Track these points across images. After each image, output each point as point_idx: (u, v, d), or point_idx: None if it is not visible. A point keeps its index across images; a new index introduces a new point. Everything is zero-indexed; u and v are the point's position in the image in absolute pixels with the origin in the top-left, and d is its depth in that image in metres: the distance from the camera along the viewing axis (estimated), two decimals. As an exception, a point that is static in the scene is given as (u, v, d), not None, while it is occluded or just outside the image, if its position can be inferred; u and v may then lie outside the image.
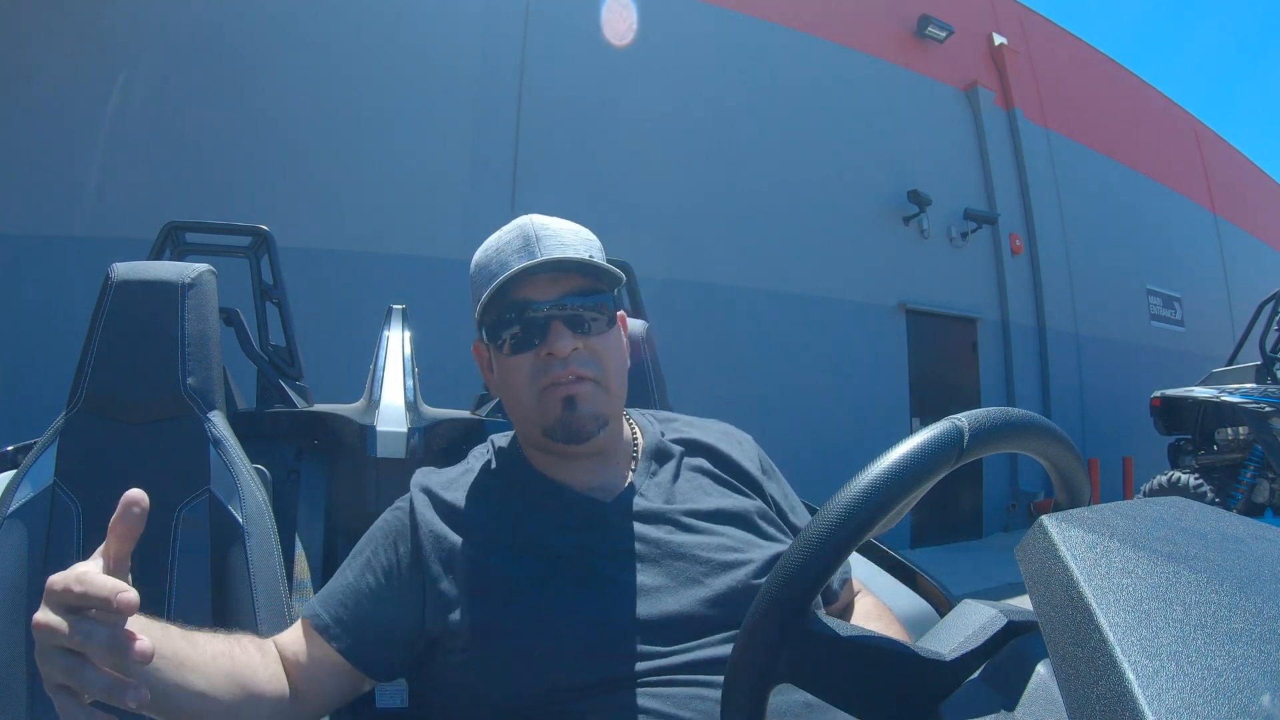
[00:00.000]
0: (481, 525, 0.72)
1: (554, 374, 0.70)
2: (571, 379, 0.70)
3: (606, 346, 0.73)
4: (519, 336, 0.71)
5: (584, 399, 0.71)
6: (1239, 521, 0.43)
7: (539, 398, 0.71)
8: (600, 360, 0.72)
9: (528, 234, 0.72)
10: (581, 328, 0.71)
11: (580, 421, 0.71)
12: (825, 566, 0.44)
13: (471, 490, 0.75)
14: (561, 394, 0.70)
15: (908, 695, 0.47)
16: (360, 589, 0.72)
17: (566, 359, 0.70)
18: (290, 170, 4.56)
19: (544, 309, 0.70)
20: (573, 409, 0.70)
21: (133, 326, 1.01)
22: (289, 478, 1.41)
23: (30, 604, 0.90)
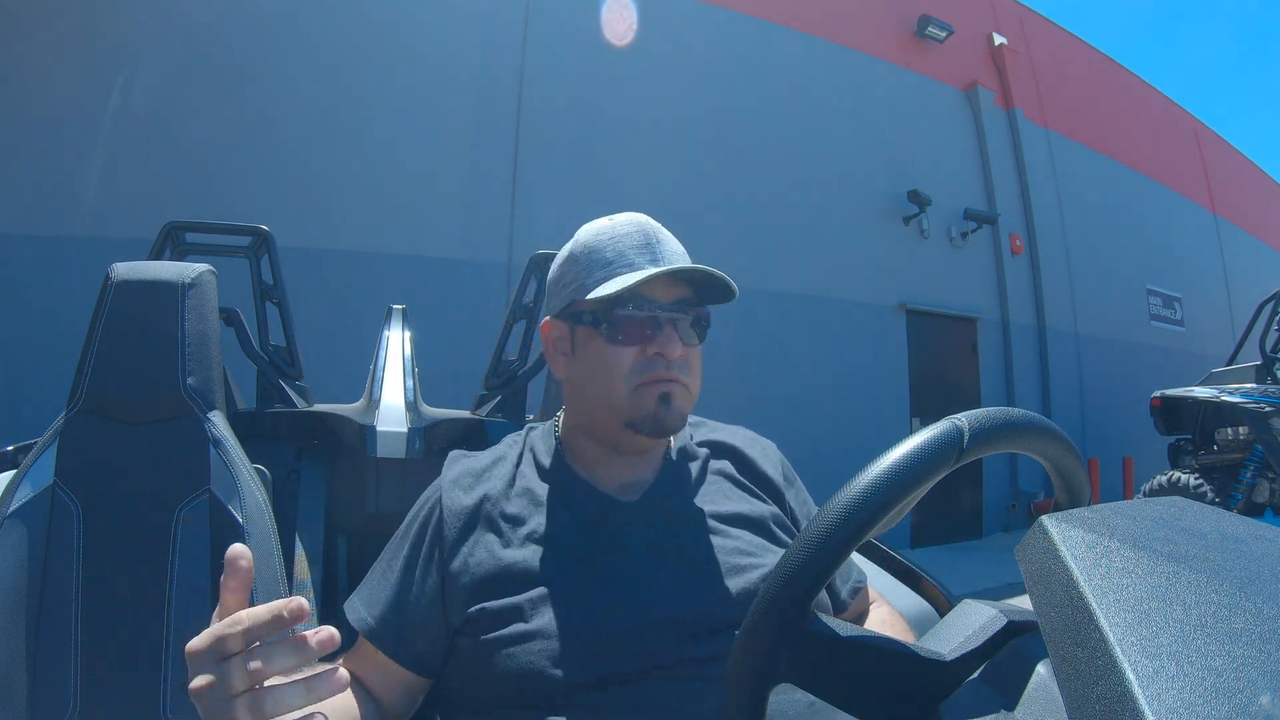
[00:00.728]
0: (505, 516, 0.73)
1: (657, 373, 0.73)
2: (668, 378, 0.73)
3: (696, 357, 0.76)
4: (631, 330, 0.73)
5: (677, 398, 0.74)
6: (1239, 521, 0.43)
7: (634, 391, 0.73)
8: (692, 370, 0.75)
9: (647, 233, 0.76)
10: (687, 336, 0.74)
11: (671, 418, 0.73)
12: (825, 566, 0.44)
13: (500, 480, 0.77)
14: (659, 390, 0.73)
15: (908, 695, 0.47)
16: (398, 588, 0.74)
17: (672, 363, 0.73)
18: (290, 170, 4.56)
19: (663, 311, 0.73)
20: (668, 405, 0.73)
21: (133, 326, 1.01)
22: (289, 478, 1.41)
23: (30, 604, 0.90)
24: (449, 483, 0.77)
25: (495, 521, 0.73)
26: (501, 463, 0.80)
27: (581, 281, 0.75)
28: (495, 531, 0.72)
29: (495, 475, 0.78)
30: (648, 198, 5.27)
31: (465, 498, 0.75)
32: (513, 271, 4.84)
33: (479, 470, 0.78)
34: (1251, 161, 11.85)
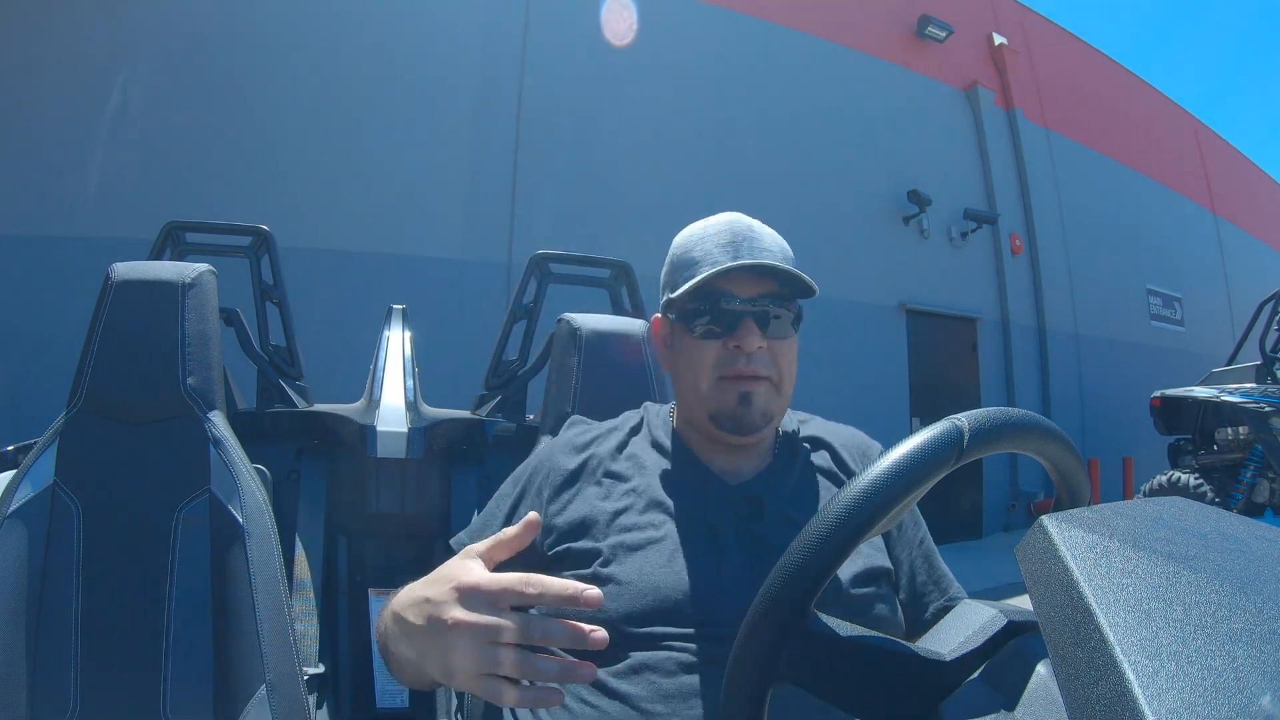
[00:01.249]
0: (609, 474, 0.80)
1: (737, 367, 0.76)
2: (750, 375, 0.76)
3: (786, 350, 0.78)
4: (711, 325, 0.76)
5: (759, 397, 0.77)
6: (1239, 521, 0.43)
7: (716, 385, 0.77)
8: (778, 362, 0.78)
9: (736, 231, 0.79)
10: (768, 328, 0.77)
11: (751, 417, 0.77)
12: (825, 566, 0.44)
13: (610, 444, 0.83)
14: (740, 389, 0.76)
15: (908, 695, 0.47)
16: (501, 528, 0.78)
17: (751, 355, 0.75)
18: (290, 170, 4.56)
19: (739, 304, 0.76)
20: (748, 405, 0.76)
21: (133, 326, 1.01)
22: (289, 478, 1.41)
23: (30, 604, 0.90)
24: (563, 441, 0.85)
25: (598, 477, 0.80)
26: (615, 431, 0.86)
27: (673, 280, 0.80)
28: (597, 485, 0.79)
29: (607, 439, 0.84)
30: (647, 198, 5.28)
31: (575, 454, 0.82)
32: (513, 271, 4.83)
33: (593, 434, 0.86)
34: (1251, 161, 11.85)
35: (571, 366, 1.17)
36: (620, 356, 1.19)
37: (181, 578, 0.93)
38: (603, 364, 1.17)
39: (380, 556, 1.50)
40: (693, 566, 0.72)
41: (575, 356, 1.17)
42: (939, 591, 0.81)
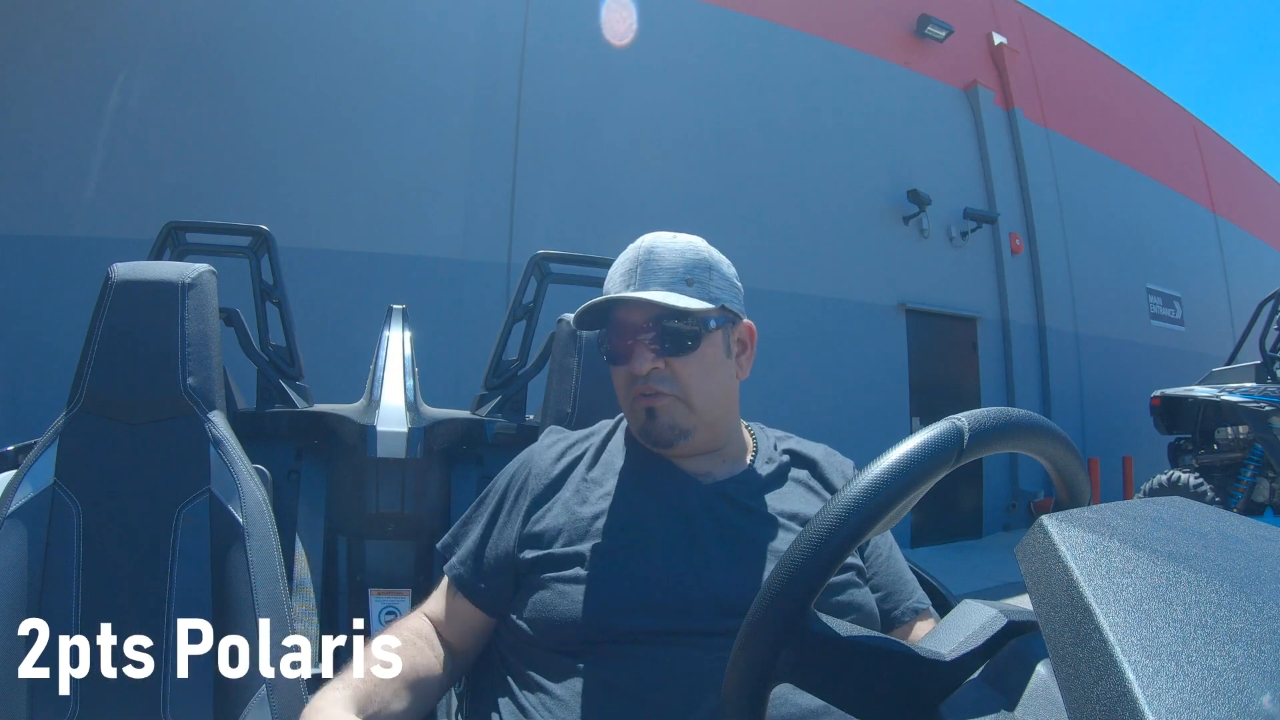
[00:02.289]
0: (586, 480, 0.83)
1: (636, 388, 0.81)
2: (650, 393, 0.80)
3: (688, 366, 0.81)
4: (613, 353, 0.83)
5: (663, 411, 0.81)
6: (1239, 521, 0.43)
7: (630, 406, 0.83)
8: (681, 379, 0.81)
9: (637, 259, 0.82)
10: (664, 350, 0.80)
11: (659, 430, 0.81)
12: (825, 566, 0.44)
13: (589, 450, 0.87)
14: (643, 405, 0.81)
15: (908, 695, 0.47)
16: (481, 538, 0.84)
17: (646, 376, 0.80)
18: (290, 170, 4.56)
19: (631, 332, 0.81)
20: (653, 419, 0.81)
21: (133, 326, 1.01)
22: (289, 478, 1.41)
23: (30, 603, 0.90)
24: (542, 448, 0.88)
25: (577, 483, 0.83)
26: (591, 438, 0.89)
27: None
28: (575, 490, 0.82)
29: (583, 447, 0.88)
30: (647, 198, 5.28)
31: (553, 463, 0.85)
32: (513, 271, 4.83)
33: (571, 441, 0.89)
34: (1251, 161, 11.84)
35: (571, 367, 1.17)
36: None
37: (181, 578, 0.93)
38: (603, 364, 1.16)
39: (380, 556, 1.50)
40: (673, 561, 0.75)
41: (575, 357, 1.17)
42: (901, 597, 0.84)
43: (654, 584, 0.73)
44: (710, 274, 0.83)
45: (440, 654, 0.79)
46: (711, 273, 0.83)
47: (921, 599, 0.86)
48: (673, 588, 0.73)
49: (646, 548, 0.76)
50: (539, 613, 0.75)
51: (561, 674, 0.72)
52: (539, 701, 0.72)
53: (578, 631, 0.72)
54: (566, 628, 0.73)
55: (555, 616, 0.74)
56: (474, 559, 0.83)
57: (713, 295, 0.82)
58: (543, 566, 0.77)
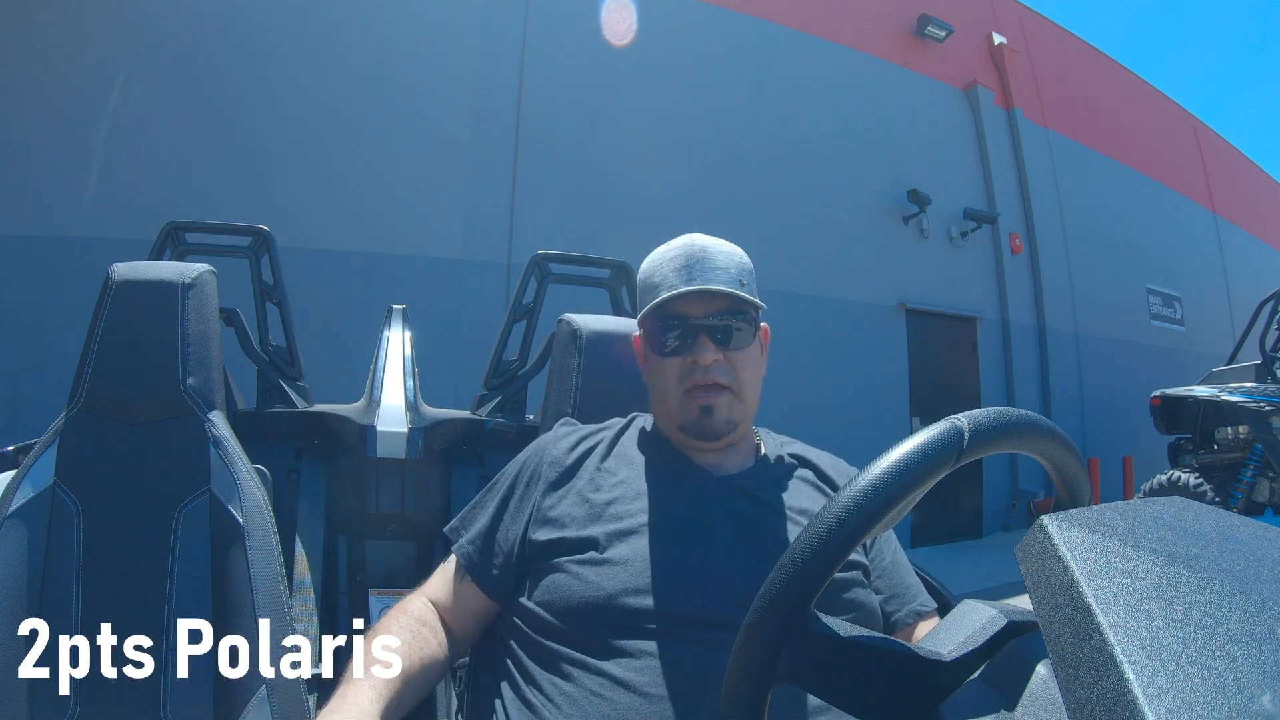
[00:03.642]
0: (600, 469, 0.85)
1: (696, 379, 0.83)
2: (710, 385, 0.83)
3: (745, 360, 0.85)
4: (671, 344, 0.84)
5: (720, 407, 0.83)
6: (1239, 521, 0.43)
7: (682, 398, 0.84)
8: (738, 371, 0.84)
9: (690, 255, 0.85)
10: (727, 341, 0.83)
11: (714, 425, 0.84)
12: (825, 566, 0.44)
13: (603, 442, 0.89)
14: (700, 402, 0.83)
15: (908, 695, 0.47)
16: (491, 523, 0.85)
17: (708, 367, 0.82)
18: (290, 170, 4.56)
19: (694, 323, 0.83)
20: (709, 415, 0.83)
21: (133, 326, 1.01)
22: (289, 478, 1.41)
23: (30, 603, 0.90)
24: (556, 437, 0.90)
25: (591, 471, 0.85)
26: (605, 430, 0.91)
27: (642, 302, 0.88)
28: (589, 479, 0.84)
29: (597, 438, 0.90)
30: (647, 198, 5.28)
31: (569, 451, 0.87)
32: (513, 271, 4.83)
33: (585, 432, 0.91)
34: (1251, 161, 11.84)
35: (572, 367, 1.17)
36: (620, 357, 1.19)
37: (181, 578, 0.93)
38: (603, 364, 1.17)
39: (380, 556, 1.50)
40: (686, 547, 0.76)
41: (575, 357, 1.17)
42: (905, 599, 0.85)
43: (666, 568, 0.74)
44: (752, 278, 0.87)
45: (442, 639, 0.80)
46: (753, 276, 0.88)
47: (925, 602, 0.87)
48: (685, 573, 0.74)
49: (660, 534, 0.77)
50: (552, 595, 0.76)
51: (567, 668, 0.73)
52: (544, 697, 0.72)
53: (591, 613, 0.73)
54: (579, 609, 0.74)
55: (568, 598, 0.75)
56: (484, 541, 0.84)
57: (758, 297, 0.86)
58: (556, 550, 0.78)
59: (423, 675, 0.75)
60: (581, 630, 0.73)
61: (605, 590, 0.74)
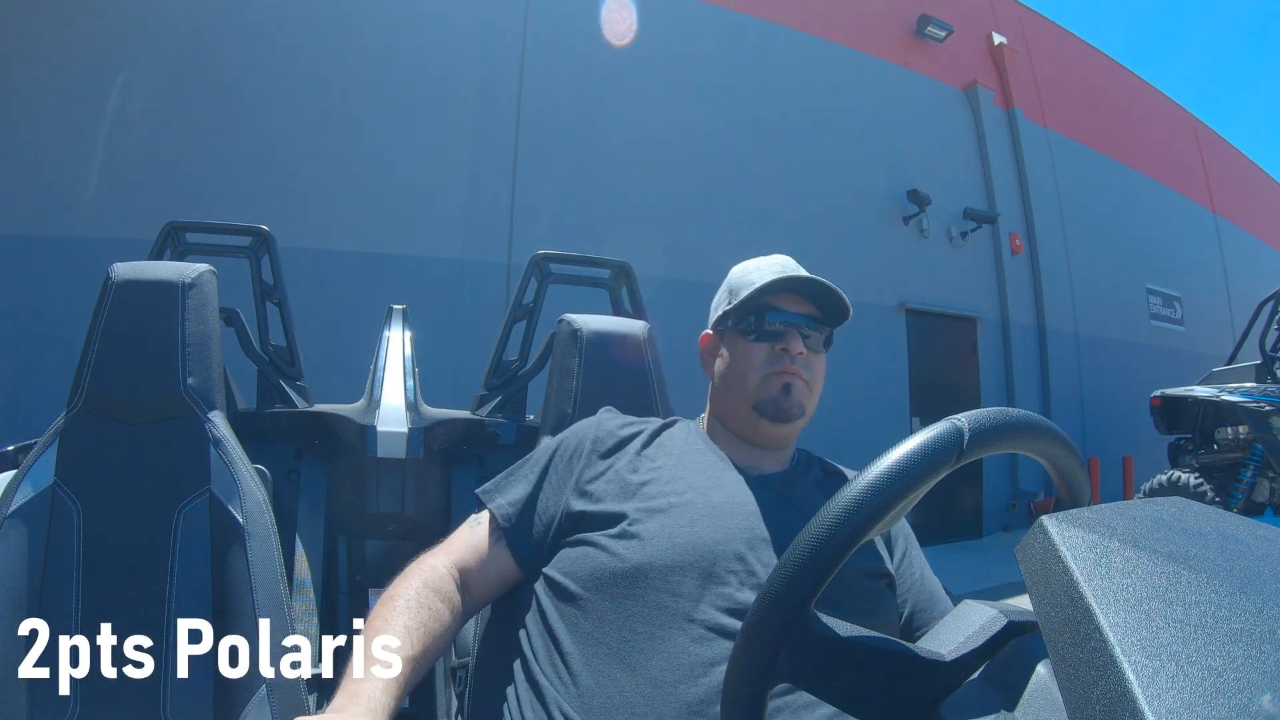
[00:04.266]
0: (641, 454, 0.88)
1: (784, 365, 0.89)
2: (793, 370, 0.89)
3: (818, 363, 0.93)
4: (765, 330, 0.90)
5: (797, 389, 0.90)
6: (1239, 521, 0.43)
7: (764, 378, 0.90)
8: (814, 370, 0.92)
9: (785, 264, 0.94)
10: (809, 342, 0.91)
11: (790, 405, 0.89)
12: (826, 566, 0.44)
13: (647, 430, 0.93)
14: (784, 379, 0.89)
15: (908, 695, 0.47)
16: (536, 492, 0.87)
17: (794, 357, 0.89)
18: (290, 170, 4.56)
19: (788, 316, 0.90)
20: (788, 393, 0.89)
21: (133, 326, 1.01)
22: (289, 478, 1.41)
23: (30, 603, 0.90)
24: (599, 420, 0.94)
25: (630, 455, 0.88)
26: (649, 422, 0.95)
27: (733, 295, 0.93)
28: (628, 460, 0.87)
29: (641, 426, 0.94)
30: (647, 198, 5.28)
31: (613, 432, 0.91)
32: (513, 271, 4.83)
33: (628, 420, 0.95)
34: (1251, 161, 11.84)
35: (572, 367, 1.17)
36: (621, 357, 1.19)
37: (181, 578, 0.93)
38: (603, 364, 1.17)
39: (380, 556, 1.50)
40: (715, 534, 0.78)
41: (576, 357, 1.17)
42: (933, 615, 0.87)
43: (693, 550, 0.76)
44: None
45: (456, 605, 0.80)
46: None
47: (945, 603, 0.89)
48: (712, 557, 0.76)
49: (691, 517, 0.79)
50: (577, 565, 0.78)
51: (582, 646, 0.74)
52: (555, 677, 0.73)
53: (614, 584, 0.75)
54: (603, 579, 0.76)
55: (594, 568, 0.77)
56: (524, 507, 0.86)
57: None
58: (588, 523, 0.81)
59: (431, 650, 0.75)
60: (603, 603, 0.75)
61: (631, 563, 0.75)
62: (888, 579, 0.84)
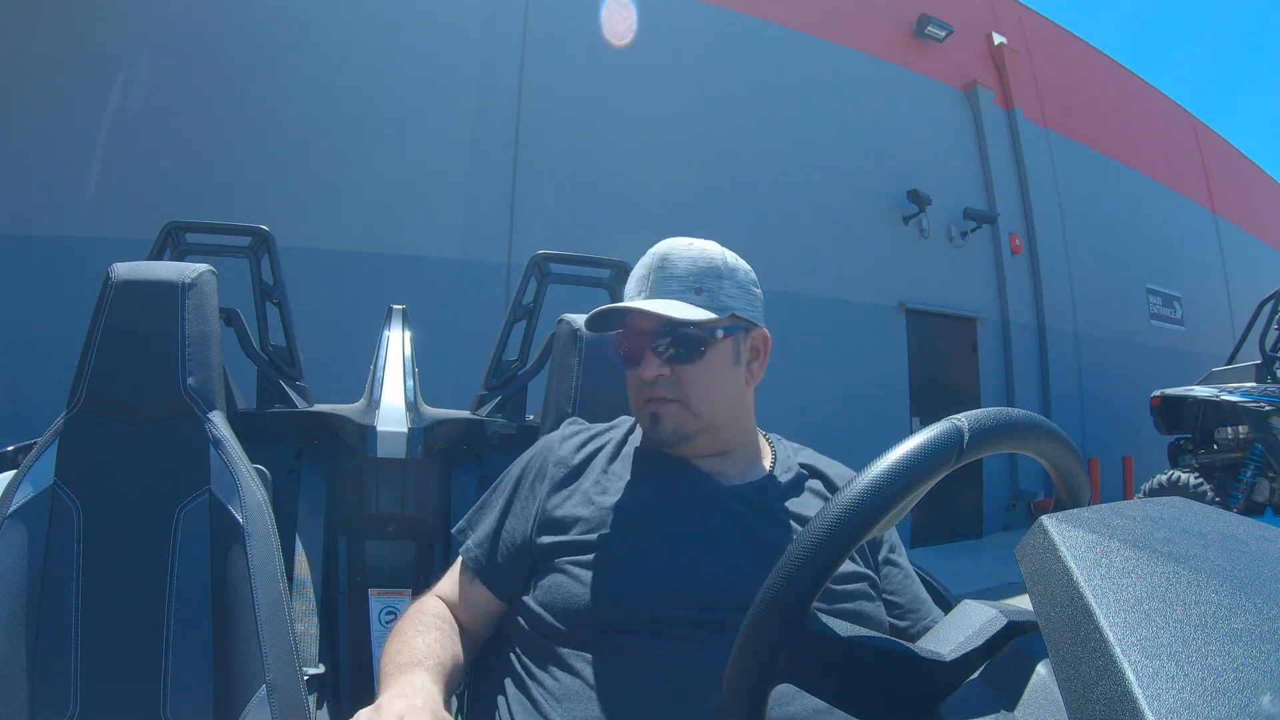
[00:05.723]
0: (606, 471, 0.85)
1: (644, 392, 0.84)
2: (656, 399, 0.83)
3: (694, 374, 0.82)
4: (625, 357, 0.85)
5: (666, 417, 0.83)
6: (1239, 521, 0.43)
7: (639, 408, 0.86)
8: (685, 385, 0.82)
9: (651, 265, 0.84)
10: (671, 357, 0.82)
11: (662, 433, 0.84)
12: (825, 566, 0.44)
13: (610, 443, 0.89)
14: (650, 410, 0.84)
15: (908, 695, 0.47)
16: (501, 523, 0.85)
17: (651, 382, 0.82)
18: (290, 170, 4.56)
19: (639, 338, 0.83)
20: (657, 423, 0.84)
21: (133, 326, 1.01)
22: (289, 478, 1.41)
23: (30, 604, 0.90)
24: (562, 437, 0.90)
25: (597, 474, 0.85)
26: (613, 431, 0.91)
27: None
28: (595, 480, 0.84)
29: (604, 438, 0.90)
30: (647, 198, 5.27)
31: (576, 450, 0.87)
32: (513, 271, 4.83)
33: (593, 432, 0.91)
34: (1251, 161, 11.84)
35: (572, 367, 1.17)
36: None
37: (181, 578, 0.93)
38: (603, 364, 1.17)
39: (380, 556, 1.50)
40: (689, 553, 0.76)
41: (576, 357, 1.17)
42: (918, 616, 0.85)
43: (670, 574, 0.74)
44: (720, 282, 0.83)
45: (459, 631, 0.82)
46: (722, 281, 0.84)
47: (937, 617, 0.87)
48: (688, 578, 0.74)
49: (664, 539, 0.77)
50: (554, 596, 0.76)
51: (571, 667, 0.73)
52: (546, 692, 0.73)
53: (593, 616, 0.73)
54: (582, 612, 0.74)
55: (571, 600, 0.75)
56: (490, 542, 0.84)
57: (722, 304, 0.82)
58: (560, 551, 0.78)
59: (454, 667, 0.76)
60: (582, 632, 0.74)
61: (606, 593, 0.74)
62: (869, 580, 0.82)
